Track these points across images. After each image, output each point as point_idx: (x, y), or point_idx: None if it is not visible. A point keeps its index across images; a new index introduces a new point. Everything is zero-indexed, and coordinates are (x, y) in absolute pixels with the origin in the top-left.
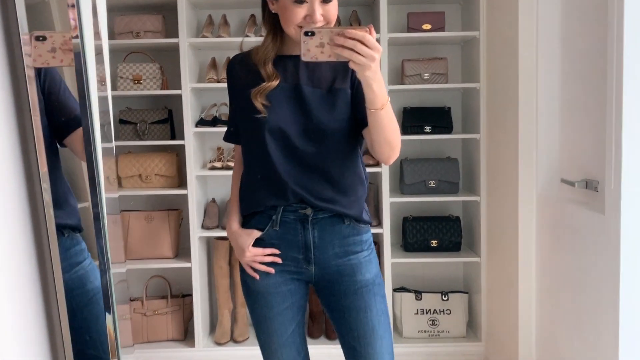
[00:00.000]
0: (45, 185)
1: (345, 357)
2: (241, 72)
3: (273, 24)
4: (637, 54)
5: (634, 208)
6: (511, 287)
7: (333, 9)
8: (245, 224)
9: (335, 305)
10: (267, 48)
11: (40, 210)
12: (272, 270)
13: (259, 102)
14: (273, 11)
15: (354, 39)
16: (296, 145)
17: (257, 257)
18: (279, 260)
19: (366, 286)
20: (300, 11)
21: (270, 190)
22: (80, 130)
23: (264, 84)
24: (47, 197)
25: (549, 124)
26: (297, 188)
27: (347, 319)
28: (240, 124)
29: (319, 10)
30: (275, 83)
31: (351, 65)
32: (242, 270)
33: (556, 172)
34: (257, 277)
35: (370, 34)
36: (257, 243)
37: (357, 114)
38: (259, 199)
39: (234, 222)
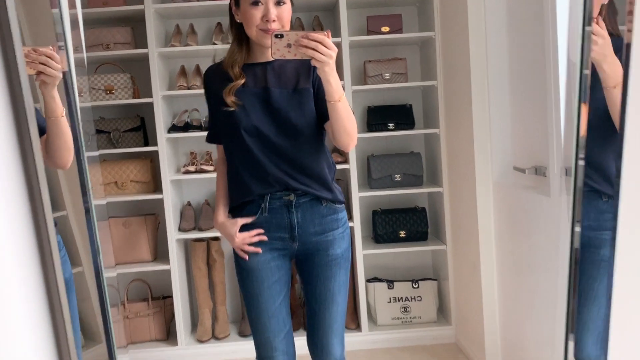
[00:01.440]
0: (44, 187)
1: (307, 321)
2: (215, 79)
3: (238, 33)
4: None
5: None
6: (474, 271)
7: (286, 12)
8: (238, 213)
9: (308, 274)
10: (233, 53)
11: (39, 209)
12: (259, 250)
13: (229, 99)
14: (238, 21)
15: (315, 40)
16: (273, 141)
17: (246, 239)
18: (265, 238)
19: (335, 259)
20: (257, 13)
21: (256, 182)
22: (44, 138)
23: (233, 82)
24: (46, 196)
25: (500, 117)
26: (279, 178)
27: (314, 286)
28: (220, 125)
29: (273, 11)
30: (241, 81)
31: (313, 63)
32: (235, 252)
33: (509, 160)
34: (247, 258)
35: (328, 37)
36: (250, 227)
37: (320, 109)
38: (247, 190)
39: (220, 214)
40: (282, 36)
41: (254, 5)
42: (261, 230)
